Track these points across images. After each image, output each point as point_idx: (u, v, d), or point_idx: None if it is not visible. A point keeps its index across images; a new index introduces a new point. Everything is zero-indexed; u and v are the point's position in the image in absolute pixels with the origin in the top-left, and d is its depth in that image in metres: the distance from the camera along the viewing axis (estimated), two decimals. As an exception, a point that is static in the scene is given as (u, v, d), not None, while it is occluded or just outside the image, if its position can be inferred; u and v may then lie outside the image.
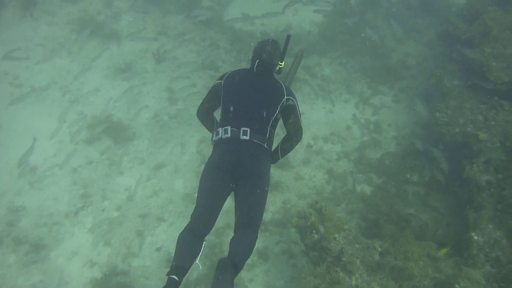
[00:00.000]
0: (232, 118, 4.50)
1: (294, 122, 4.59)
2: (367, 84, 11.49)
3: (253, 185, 4.30)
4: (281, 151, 4.69)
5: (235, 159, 4.33)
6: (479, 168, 7.73)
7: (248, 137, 4.38)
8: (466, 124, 8.53)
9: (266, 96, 4.57)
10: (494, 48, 8.99)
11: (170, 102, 10.94)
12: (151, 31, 12.55)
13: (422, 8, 13.42)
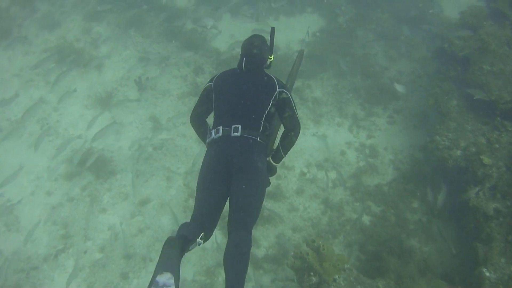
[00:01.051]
0: (224, 118, 4.41)
1: (289, 116, 4.46)
2: (360, 105, 11.12)
3: (247, 178, 4.16)
4: (283, 149, 4.54)
5: (227, 157, 4.23)
6: (485, 195, 7.30)
7: (239, 133, 4.27)
8: (468, 147, 8.14)
9: (257, 90, 4.46)
10: (494, 65, 8.63)
11: (154, 132, 10.45)
12: (132, 57, 12.09)
13: (412, 24, 13.12)
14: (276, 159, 4.64)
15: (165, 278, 3.37)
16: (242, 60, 4.60)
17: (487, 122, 8.46)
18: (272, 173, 4.75)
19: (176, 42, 12.44)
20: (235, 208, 4.10)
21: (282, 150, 4.54)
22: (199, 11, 13.69)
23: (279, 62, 10.89)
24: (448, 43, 9.71)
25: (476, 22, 9.75)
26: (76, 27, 12.85)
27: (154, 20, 13.21)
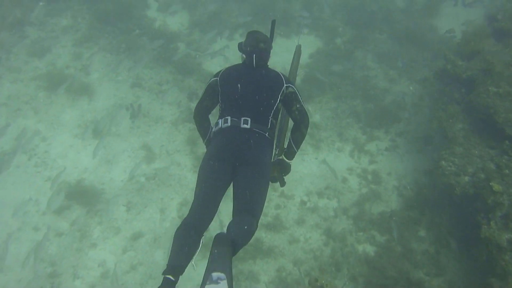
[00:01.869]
0: (232, 109, 4.46)
1: (298, 109, 4.56)
2: (361, 129, 10.80)
3: (254, 172, 4.22)
4: (294, 143, 4.64)
5: (235, 147, 4.28)
6: (497, 225, 6.92)
7: (249, 125, 4.34)
8: (476, 173, 7.79)
9: (266, 86, 4.53)
10: (500, 87, 8.32)
11: (147, 161, 10.08)
12: (124, 83, 11.77)
13: (412, 43, 12.89)
14: (289, 155, 4.74)
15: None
16: (252, 56, 4.64)
17: (495, 146, 8.12)
18: (287, 171, 4.85)
19: (170, 67, 12.13)
20: (240, 201, 4.14)
21: (294, 144, 4.63)
22: (193, 35, 13.44)
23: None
24: (451, 64, 9.41)
25: (479, 41, 9.46)
26: (66, 53, 12.55)
27: (146, 45, 12.93)
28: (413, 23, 13.68)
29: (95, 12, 13.84)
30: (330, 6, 14.38)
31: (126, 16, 13.80)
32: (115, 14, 13.74)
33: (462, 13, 14.33)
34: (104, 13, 13.74)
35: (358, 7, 14.35)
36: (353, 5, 14.51)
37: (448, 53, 9.66)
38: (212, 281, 3.31)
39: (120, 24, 13.56)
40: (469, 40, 9.69)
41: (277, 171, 4.85)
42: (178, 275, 3.64)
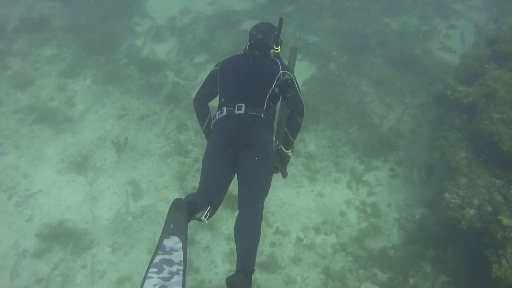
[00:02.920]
0: (227, 99, 4.60)
1: (292, 96, 4.63)
2: (358, 159, 10.41)
3: (254, 154, 4.27)
4: (290, 131, 4.75)
5: (232, 132, 4.37)
6: (508, 263, 6.50)
7: (243, 111, 4.43)
8: (482, 206, 7.38)
9: (261, 72, 4.65)
10: (503, 113, 7.96)
11: (134, 198, 9.63)
12: (110, 115, 11.37)
13: (408, 67, 12.59)
14: (286, 144, 4.85)
15: (172, 242, 3.38)
16: (247, 45, 4.91)
17: (501, 176, 7.73)
18: (285, 162, 4.98)
19: (158, 96, 11.75)
20: (244, 182, 4.23)
21: (290, 133, 4.76)
22: (182, 63, 13.11)
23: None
24: (450, 90, 9.06)
25: (479, 66, 9.14)
26: (50, 85, 12.19)
27: (134, 74, 12.60)
28: (408, 46, 13.42)
29: (81, 41, 13.56)
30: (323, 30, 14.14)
31: (113, 44, 13.48)
32: (101, 42, 13.43)
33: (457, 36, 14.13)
34: (90, 42, 13.44)
35: (351, 31, 14.10)
36: (346, 29, 14.27)
37: (447, 79, 9.34)
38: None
39: (107, 53, 13.24)
40: (469, 64, 9.37)
41: (278, 161, 4.95)
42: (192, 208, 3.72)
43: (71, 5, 15.55)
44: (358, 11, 15.43)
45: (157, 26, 14.57)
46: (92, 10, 15.23)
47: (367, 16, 15.10)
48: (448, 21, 15.29)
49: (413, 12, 15.60)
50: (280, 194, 9.67)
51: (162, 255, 3.34)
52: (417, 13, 15.59)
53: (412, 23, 14.92)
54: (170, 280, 3.27)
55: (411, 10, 15.65)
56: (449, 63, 12.72)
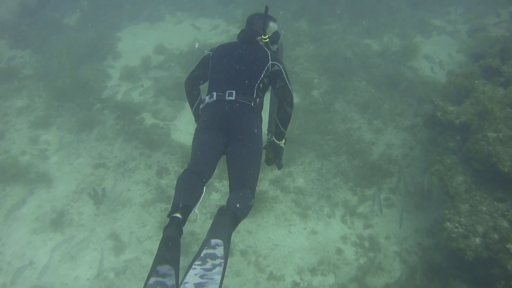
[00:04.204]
0: (217, 84, 4.72)
1: (281, 86, 4.75)
2: (350, 190, 9.97)
3: (243, 142, 4.40)
4: (280, 122, 4.80)
5: (222, 116, 4.48)
6: (521, 296, 6.02)
7: (233, 97, 4.53)
8: (488, 233, 6.93)
9: (250, 61, 4.76)
10: (499, 131, 7.56)
11: (115, 252, 9.09)
12: (86, 165, 10.90)
13: (394, 88, 12.28)
14: (278, 135, 4.95)
15: (165, 269, 3.47)
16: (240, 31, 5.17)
17: (503, 199, 7.30)
18: (279, 153, 5.13)
19: (135, 141, 11.32)
20: (233, 173, 4.36)
21: (280, 124, 4.81)
22: (158, 104, 12.71)
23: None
24: (440, 111, 8.69)
25: (468, 83, 8.82)
26: (21, 138, 11.72)
27: (109, 119, 12.15)
28: (392, 66, 13.17)
29: (52, 89, 13.17)
30: (303, 57, 13.86)
31: (86, 90, 13.10)
32: (74, 89, 13.04)
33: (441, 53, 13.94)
34: (62, 89, 13.04)
35: (332, 56, 13.83)
36: (326, 53, 14.00)
37: (436, 99, 8.98)
38: (210, 246, 3.55)
39: (80, 99, 12.82)
40: (457, 81, 9.04)
41: (271, 154, 5.11)
42: (185, 215, 3.89)
43: (41, 52, 15.21)
44: (337, 35, 15.22)
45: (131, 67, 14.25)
46: (63, 55, 14.88)
47: (346, 39, 14.88)
48: (429, 37, 15.12)
49: (393, 31, 15.40)
50: (271, 235, 9.18)
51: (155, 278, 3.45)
52: (398, 31, 15.39)
53: (393, 43, 14.70)
54: None
55: (391, 29, 15.47)
56: (436, 81, 12.47)
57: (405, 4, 17.02)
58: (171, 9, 18.61)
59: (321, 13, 16.10)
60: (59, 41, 15.94)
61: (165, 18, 18.15)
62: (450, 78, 9.56)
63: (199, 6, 18.40)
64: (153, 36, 16.58)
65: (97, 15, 18.24)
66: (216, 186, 10.18)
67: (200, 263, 3.47)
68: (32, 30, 16.28)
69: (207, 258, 3.49)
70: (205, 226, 9.39)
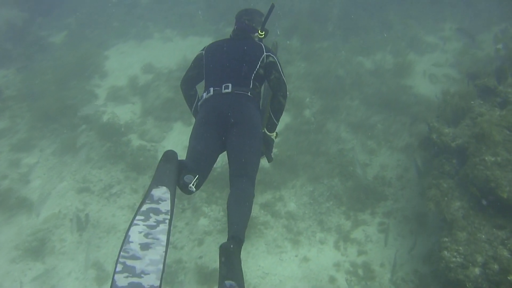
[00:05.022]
0: (213, 80, 4.75)
1: (275, 77, 4.83)
2: (343, 214, 9.68)
3: (242, 131, 4.41)
4: (273, 113, 4.89)
5: (219, 109, 4.49)
6: (525, 332, 5.72)
7: (230, 90, 4.58)
8: (488, 264, 6.65)
9: (245, 54, 4.82)
10: (497, 155, 7.33)
11: (99, 282, 8.74)
12: (69, 189, 10.57)
13: (387, 107, 12.06)
14: (270, 127, 5.00)
15: (161, 192, 3.52)
16: (233, 29, 5.22)
17: (503, 226, 7.04)
18: (270, 145, 5.14)
19: (121, 164, 11.01)
20: (234, 159, 4.37)
21: (273, 115, 4.90)
22: (146, 124, 12.43)
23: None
24: (436, 133, 8.45)
25: (464, 103, 8.60)
26: (1, 161, 11.37)
27: (94, 141, 11.86)
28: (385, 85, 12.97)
29: (36, 109, 12.86)
30: (294, 76, 13.64)
31: (71, 110, 12.81)
32: (58, 109, 12.74)
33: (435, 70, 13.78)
34: (46, 109, 12.74)
35: (324, 74, 13.62)
36: (318, 72, 13.79)
37: (431, 121, 8.75)
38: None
39: (64, 120, 12.52)
40: (452, 102, 8.82)
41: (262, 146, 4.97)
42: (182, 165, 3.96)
43: (26, 72, 14.93)
44: (329, 52, 15.03)
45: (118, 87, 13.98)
46: (48, 75, 14.61)
47: (338, 57, 14.69)
48: (423, 54, 14.96)
49: (386, 49, 15.23)
50: (261, 263, 8.86)
51: (149, 204, 3.47)
52: (391, 49, 15.22)
53: (386, 60, 14.51)
54: (156, 228, 3.39)
55: (384, 47, 15.30)
56: (430, 99, 12.26)
57: (397, 21, 16.87)
58: (160, 27, 18.37)
59: (313, 30, 15.92)
60: (44, 60, 15.67)
61: (154, 36, 17.90)
62: (445, 98, 9.35)
63: (188, 24, 18.18)
64: (141, 55, 16.33)
65: (84, 33, 18.01)
66: (205, 211, 9.88)
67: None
68: (17, 49, 16.01)
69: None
70: (192, 254, 9.08)
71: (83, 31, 18.26)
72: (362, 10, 17.36)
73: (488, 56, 13.46)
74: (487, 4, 17.08)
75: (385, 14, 17.17)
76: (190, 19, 18.47)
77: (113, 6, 19.52)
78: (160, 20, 18.92)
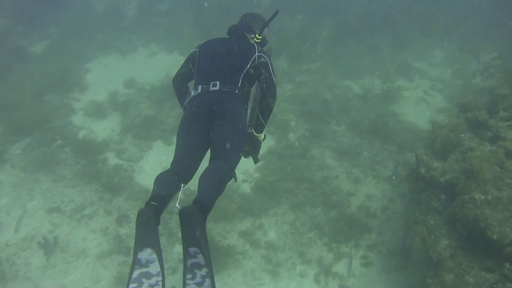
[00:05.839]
0: (203, 77, 4.73)
1: (266, 77, 4.81)
2: (325, 246, 9.37)
3: (227, 122, 4.41)
4: (261, 113, 4.89)
5: (206, 106, 4.48)
6: None
7: (217, 87, 4.57)
8: (475, 310, 6.31)
9: (237, 53, 4.81)
10: (487, 193, 7.03)
11: (64, 311, 8.30)
12: (39, 209, 10.11)
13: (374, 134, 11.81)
14: (257, 127, 4.98)
15: (147, 254, 3.42)
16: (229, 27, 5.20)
17: (492, 268, 6.72)
18: (257, 147, 5.12)
19: (96, 183, 10.60)
20: (214, 148, 4.36)
21: (261, 115, 4.90)
22: (124, 143, 12.03)
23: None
24: (424, 167, 8.16)
25: (453, 136, 8.34)
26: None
27: (69, 158, 11.43)
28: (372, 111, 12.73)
29: (10, 122, 12.36)
30: (280, 98, 13.35)
31: (47, 124, 12.39)
32: (34, 122, 12.29)
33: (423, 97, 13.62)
34: (21, 122, 12.27)
35: (310, 97, 13.35)
36: (305, 94, 13.53)
37: (419, 153, 8.46)
38: (191, 256, 3.39)
39: (39, 134, 12.08)
40: (441, 134, 8.57)
41: (249, 146, 5.09)
42: (162, 203, 3.77)
43: (2, 82, 14.46)
44: (316, 75, 14.79)
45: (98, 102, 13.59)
46: (26, 86, 14.18)
47: (326, 80, 14.45)
48: (412, 80, 14.79)
49: (374, 73, 15.04)
50: (238, 295, 8.48)
51: (139, 269, 3.39)
52: (379, 73, 15.03)
53: (375, 85, 14.30)
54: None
55: (373, 71, 15.11)
56: (418, 128, 12.07)
57: (388, 45, 16.73)
58: (144, 41, 18.05)
59: (301, 51, 15.68)
60: (23, 70, 15.23)
61: (138, 50, 17.57)
62: (434, 130, 9.09)
63: (175, 38, 17.88)
64: (124, 69, 15.98)
65: (66, 44, 17.60)
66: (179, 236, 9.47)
67: (190, 276, 3.40)
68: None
69: (194, 269, 3.41)
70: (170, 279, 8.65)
71: (65, 41, 17.85)
72: (351, 33, 17.20)
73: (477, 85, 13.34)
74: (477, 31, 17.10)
75: (375, 38, 17.03)
76: (177, 34, 18.19)
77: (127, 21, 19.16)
78: (146, 33, 18.61)
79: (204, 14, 17.37)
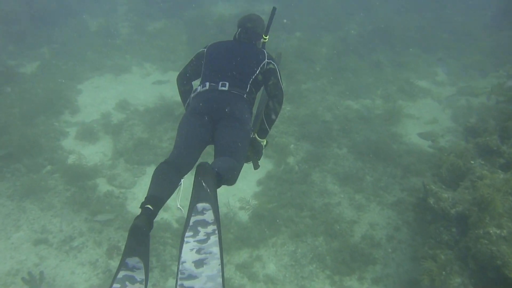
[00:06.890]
0: (211, 75, 4.77)
1: (273, 83, 4.85)
2: (328, 278, 8.92)
3: (232, 124, 4.45)
4: (266, 119, 4.88)
5: (212, 104, 4.54)
6: None
7: (226, 88, 4.61)
8: None
9: (246, 58, 4.87)
10: (502, 227, 6.62)
11: None
12: (25, 240, 9.64)
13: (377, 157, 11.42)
14: (261, 132, 4.97)
15: (134, 261, 3.41)
16: (237, 31, 5.17)
17: (508, 309, 6.28)
18: (259, 152, 5.09)
19: (85, 212, 10.15)
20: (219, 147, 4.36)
21: (266, 121, 4.88)
22: (116, 168, 11.60)
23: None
24: (433, 198, 7.73)
25: (463, 163, 7.94)
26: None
27: (58, 185, 10.98)
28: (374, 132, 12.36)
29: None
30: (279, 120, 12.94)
31: (36, 149, 11.95)
32: (22, 147, 11.84)
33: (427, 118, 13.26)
34: (8, 147, 11.81)
35: (310, 118, 12.97)
36: (304, 116, 13.15)
37: (427, 182, 8.04)
38: (197, 212, 3.34)
39: (27, 160, 11.63)
40: (450, 161, 8.16)
41: (250, 151, 5.03)
42: (157, 207, 3.77)
43: (-10, 105, 14.07)
44: (315, 94, 14.42)
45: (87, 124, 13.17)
46: (15, 108, 13.76)
47: (326, 100, 14.08)
48: (415, 100, 14.44)
49: (376, 92, 14.68)
50: (235, 335, 8.00)
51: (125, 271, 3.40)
52: (381, 93, 14.68)
53: (376, 105, 13.94)
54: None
55: (374, 90, 14.75)
56: (423, 150, 11.69)
57: (389, 63, 16.42)
58: (138, 60, 17.67)
59: (299, 70, 15.33)
60: (12, 92, 14.81)
61: (131, 70, 17.17)
62: (441, 156, 8.68)
63: (170, 58, 17.54)
64: (117, 90, 15.57)
65: (58, 65, 17.19)
66: (174, 270, 9.01)
67: (191, 233, 3.29)
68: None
69: (197, 226, 3.31)
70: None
71: (56, 62, 17.43)
72: (352, 51, 16.89)
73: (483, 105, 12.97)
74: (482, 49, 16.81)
75: (376, 56, 16.71)
76: (172, 53, 17.86)
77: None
78: (139, 53, 18.25)
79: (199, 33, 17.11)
